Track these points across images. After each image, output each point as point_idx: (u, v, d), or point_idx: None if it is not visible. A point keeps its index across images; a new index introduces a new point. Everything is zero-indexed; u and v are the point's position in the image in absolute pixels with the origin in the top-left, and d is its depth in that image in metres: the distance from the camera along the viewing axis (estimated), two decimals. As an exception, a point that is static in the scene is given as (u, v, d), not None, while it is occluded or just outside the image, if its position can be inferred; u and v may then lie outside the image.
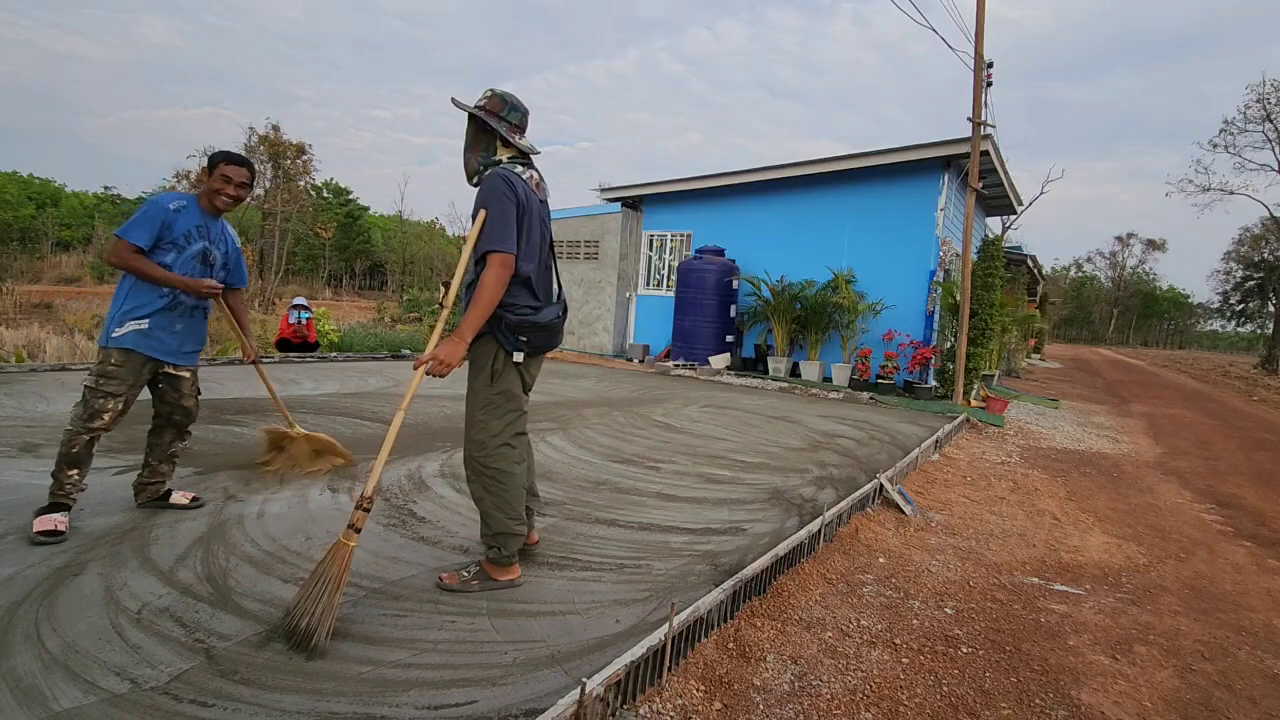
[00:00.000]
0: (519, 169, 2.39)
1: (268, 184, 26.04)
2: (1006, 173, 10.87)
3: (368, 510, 2.15)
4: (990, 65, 8.33)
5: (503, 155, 2.42)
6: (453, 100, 2.39)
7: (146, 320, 2.71)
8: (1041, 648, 2.53)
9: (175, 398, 2.91)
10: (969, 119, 8.34)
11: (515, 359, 2.38)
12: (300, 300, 10.55)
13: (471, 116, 2.41)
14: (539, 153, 2.52)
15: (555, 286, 2.60)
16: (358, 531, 2.12)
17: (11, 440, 3.87)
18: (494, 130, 2.39)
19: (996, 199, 12.24)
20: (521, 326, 2.36)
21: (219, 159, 2.80)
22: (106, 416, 2.68)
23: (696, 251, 10.76)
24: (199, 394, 3.01)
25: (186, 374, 2.93)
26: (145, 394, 2.91)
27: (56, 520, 2.60)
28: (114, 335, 2.69)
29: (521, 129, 2.46)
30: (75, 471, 2.70)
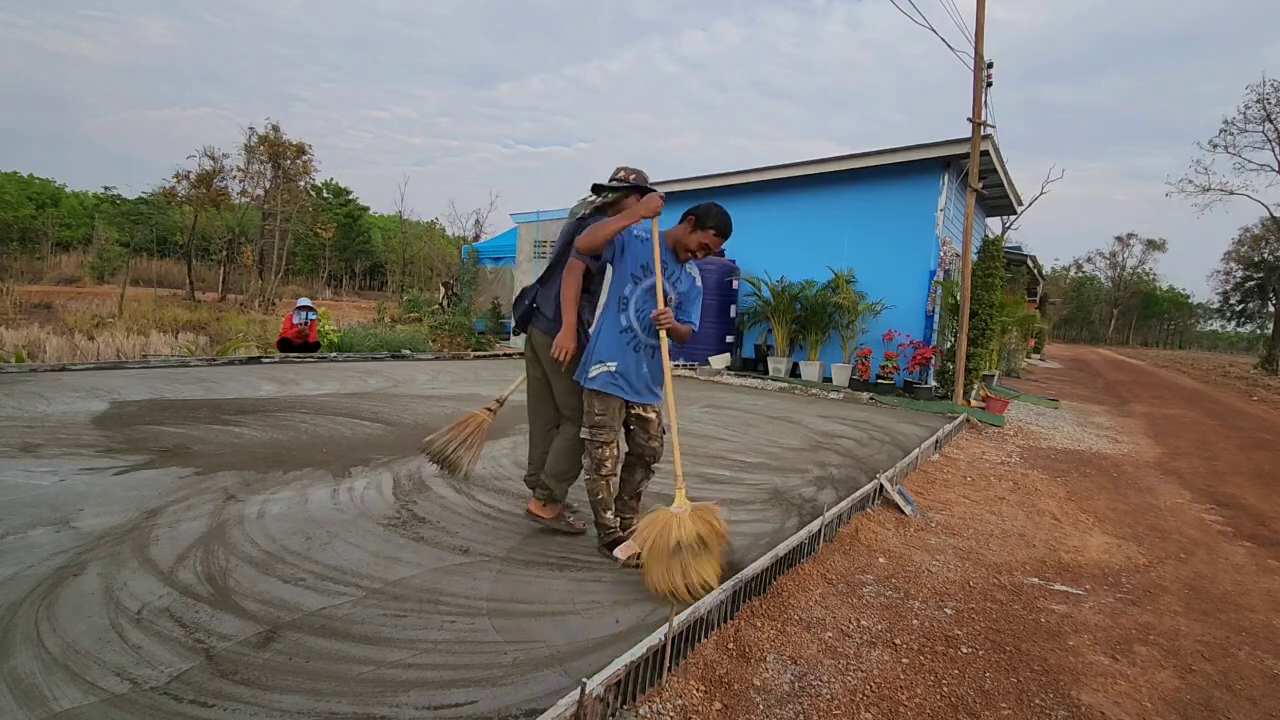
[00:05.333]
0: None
1: (268, 184, 26.05)
2: (1006, 173, 10.87)
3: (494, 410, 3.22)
4: (990, 65, 8.33)
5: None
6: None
7: (614, 363, 2.73)
8: (1041, 648, 2.53)
9: (644, 439, 2.87)
10: (969, 119, 8.34)
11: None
12: (305, 301, 10.55)
13: None
14: (602, 186, 2.98)
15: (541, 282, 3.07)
16: (492, 412, 3.23)
17: (12, 440, 3.87)
18: None
19: (996, 199, 12.23)
20: None
21: (717, 225, 2.78)
22: (609, 463, 2.78)
23: (696, 251, 10.72)
24: (664, 432, 2.91)
25: (653, 415, 2.88)
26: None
27: (630, 547, 2.74)
28: (589, 376, 2.73)
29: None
30: (610, 512, 2.87)
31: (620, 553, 2.78)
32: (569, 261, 2.85)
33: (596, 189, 3.00)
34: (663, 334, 2.71)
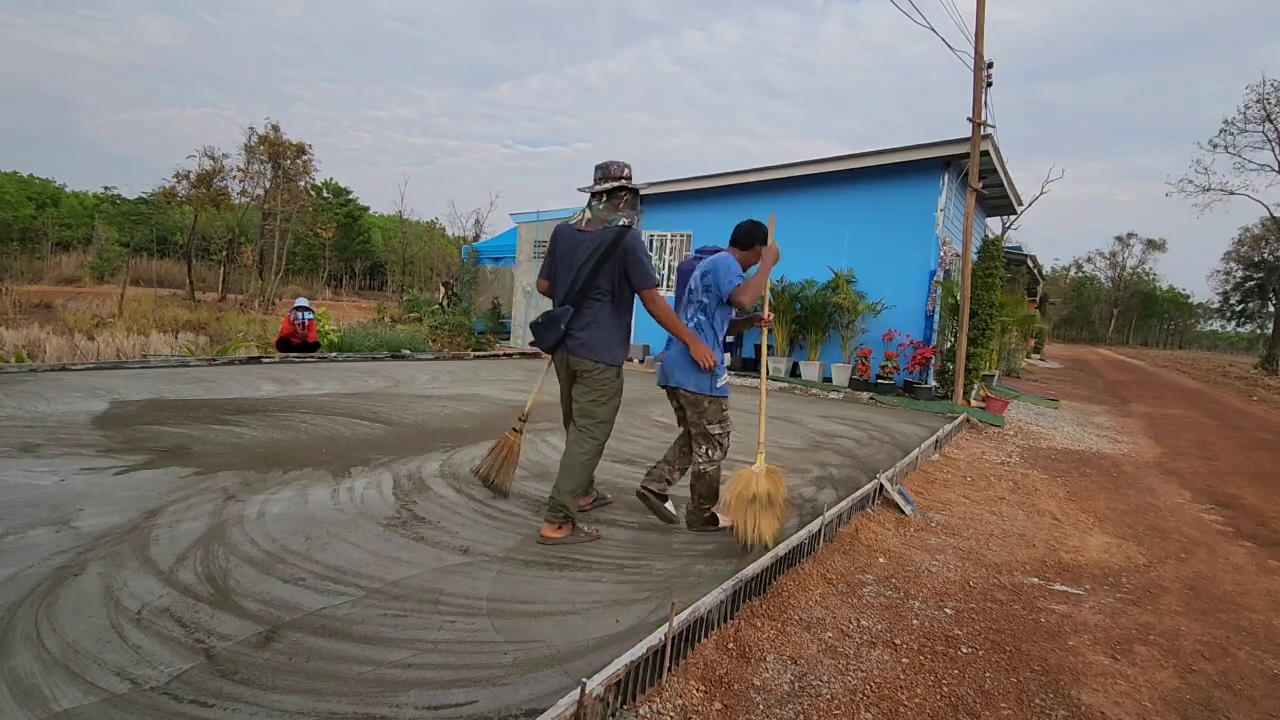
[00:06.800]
0: (576, 215, 3.08)
1: (268, 184, 26.05)
2: (1006, 173, 10.86)
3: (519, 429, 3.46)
4: (990, 65, 8.33)
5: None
6: (580, 189, 3.09)
7: (730, 373, 3.02)
8: (1041, 648, 2.53)
9: None
10: (969, 119, 8.34)
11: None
12: (303, 301, 10.55)
13: None
14: (610, 183, 3.03)
15: (567, 298, 3.00)
16: (518, 432, 3.45)
17: (11, 440, 3.87)
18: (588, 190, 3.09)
19: (996, 199, 12.23)
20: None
21: (765, 238, 3.27)
22: (728, 450, 3.23)
23: (696, 251, 10.70)
24: None
25: None
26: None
27: (726, 517, 3.15)
28: (718, 386, 3.09)
29: (607, 178, 3.04)
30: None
31: (725, 520, 3.17)
32: (652, 294, 3.00)
33: (614, 192, 3.05)
34: (765, 331, 3.43)
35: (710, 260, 3.24)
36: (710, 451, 3.14)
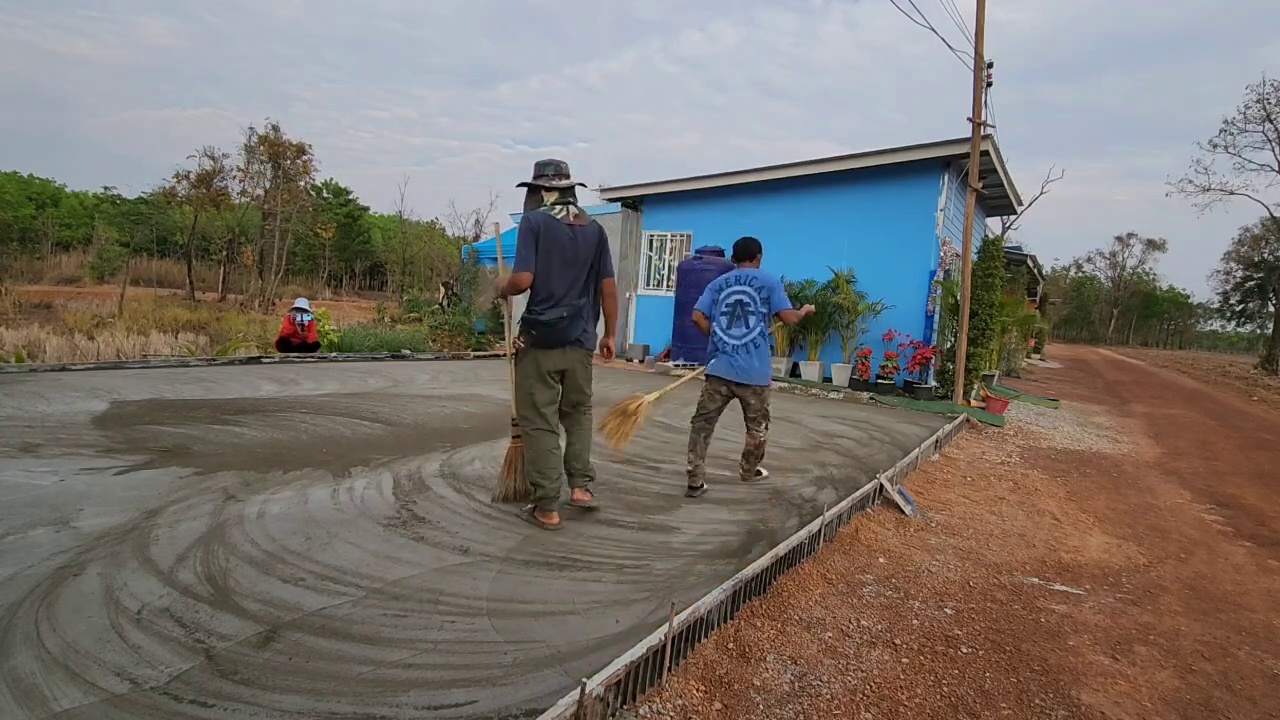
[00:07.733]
0: (556, 209, 3.10)
1: (268, 184, 26.04)
2: (1006, 173, 10.86)
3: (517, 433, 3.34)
4: (990, 65, 8.32)
5: (550, 198, 3.14)
6: (518, 185, 3.24)
7: None
8: (1041, 648, 2.53)
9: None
10: (969, 119, 8.34)
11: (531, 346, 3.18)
12: (302, 302, 10.53)
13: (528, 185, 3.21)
14: (581, 184, 3.23)
15: (571, 291, 3.11)
16: (516, 439, 3.36)
17: (11, 440, 3.87)
18: (537, 186, 3.16)
19: (996, 199, 12.23)
20: (530, 323, 3.12)
21: (760, 248, 4.21)
22: None
23: (696, 251, 10.72)
24: None
25: None
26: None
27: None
28: (770, 378, 4.04)
29: (560, 175, 3.16)
30: None
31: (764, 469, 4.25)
32: (614, 281, 3.35)
33: (571, 190, 3.22)
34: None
35: (759, 277, 3.94)
36: (767, 425, 4.09)
